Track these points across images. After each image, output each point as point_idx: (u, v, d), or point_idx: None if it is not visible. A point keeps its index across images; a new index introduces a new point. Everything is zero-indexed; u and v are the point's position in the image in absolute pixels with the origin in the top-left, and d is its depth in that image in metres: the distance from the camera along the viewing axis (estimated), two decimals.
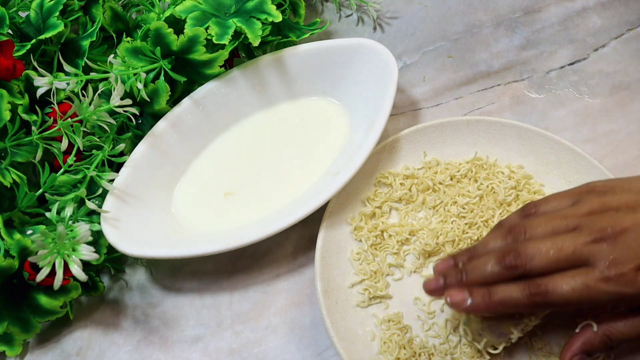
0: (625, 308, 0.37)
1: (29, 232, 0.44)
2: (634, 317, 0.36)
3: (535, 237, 0.37)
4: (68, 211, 0.43)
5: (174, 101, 0.50)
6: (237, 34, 0.48)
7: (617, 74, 0.54)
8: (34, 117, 0.45)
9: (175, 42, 0.47)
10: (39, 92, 0.45)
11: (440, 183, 0.48)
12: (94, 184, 0.45)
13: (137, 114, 0.47)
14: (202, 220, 0.48)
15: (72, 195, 0.44)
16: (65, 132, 0.44)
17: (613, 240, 0.34)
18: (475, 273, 0.37)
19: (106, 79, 0.47)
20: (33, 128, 0.45)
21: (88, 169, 0.45)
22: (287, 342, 0.44)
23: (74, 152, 0.45)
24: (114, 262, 0.48)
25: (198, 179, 0.50)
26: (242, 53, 0.55)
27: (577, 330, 0.38)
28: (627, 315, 0.36)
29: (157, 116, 0.50)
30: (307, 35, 0.54)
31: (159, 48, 0.47)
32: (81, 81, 0.46)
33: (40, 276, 0.38)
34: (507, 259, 0.36)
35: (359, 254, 0.45)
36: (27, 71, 0.47)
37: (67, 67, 0.45)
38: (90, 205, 0.44)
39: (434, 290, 0.39)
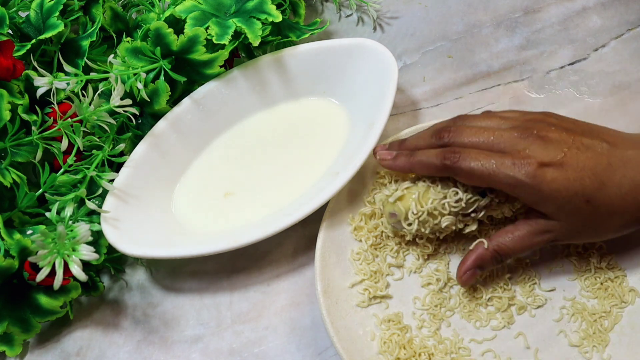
0: (519, 199, 0.39)
1: (29, 232, 0.44)
2: (519, 233, 0.40)
3: (473, 125, 0.41)
4: (68, 211, 0.43)
5: (174, 101, 0.50)
6: (237, 34, 0.48)
7: (617, 74, 0.54)
8: (34, 117, 0.45)
9: (175, 42, 0.47)
10: (39, 92, 0.45)
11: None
12: (94, 184, 0.45)
13: (137, 114, 0.47)
14: (202, 220, 0.48)
15: (72, 195, 0.44)
16: (65, 132, 0.44)
17: (533, 139, 0.38)
18: (410, 142, 0.44)
19: (106, 79, 0.47)
20: (33, 128, 0.45)
21: (88, 169, 0.45)
22: (287, 342, 0.44)
23: (74, 152, 0.45)
24: (114, 262, 0.48)
25: (198, 179, 0.50)
26: (242, 53, 0.55)
27: (470, 248, 0.41)
28: (513, 230, 0.40)
29: (157, 116, 0.50)
30: (307, 35, 0.54)
31: (159, 48, 0.47)
32: (81, 81, 0.46)
33: (40, 276, 0.38)
34: (440, 133, 0.41)
35: (359, 254, 0.45)
36: (27, 71, 0.47)
37: (67, 67, 0.45)
38: (90, 205, 0.44)
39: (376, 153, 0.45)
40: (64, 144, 0.44)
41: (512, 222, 0.40)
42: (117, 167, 0.48)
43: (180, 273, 0.49)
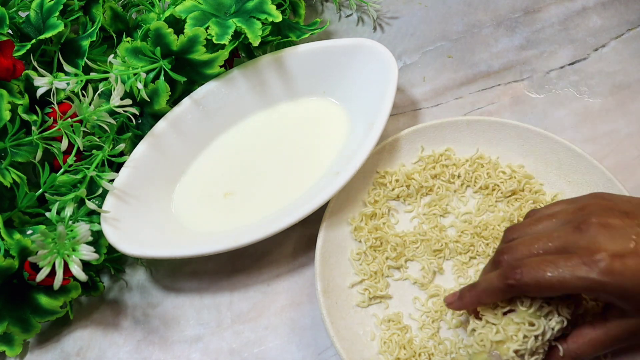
0: (598, 300, 0.37)
1: (29, 232, 0.44)
2: (597, 335, 0.36)
3: (525, 235, 0.37)
4: (68, 211, 0.43)
5: (174, 101, 0.50)
6: (237, 34, 0.48)
7: (617, 73, 0.54)
8: (34, 117, 0.45)
9: (175, 42, 0.47)
10: (39, 92, 0.45)
11: (436, 176, 0.48)
12: (94, 184, 0.45)
13: (137, 114, 0.47)
14: (202, 220, 0.48)
15: (72, 195, 0.44)
16: (65, 132, 0.44)
17: (596, 230, 0.34)
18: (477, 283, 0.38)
19: (106, 79, 0.47)
20: (33, 128, 0.45)
21: (88, 169, 0.45)
22: (287, 342, 0.44)
23: (74, 152, 0.45)
24: (114, 262, 0.48)
25: (198, 179, 0.50)
26: (242, 53, 0.55)
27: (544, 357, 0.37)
28: (591, 333, 0.36)
29: (157, 116, 0.50)
30: (307, 35, 0.54)
31: (159, 48, 0.47)
32: (81, 81, 0.46)
33: (40, 276, 0.38)
34: (496, 258, 0.37)
35: (359, 254, 0.45)
36: (27, 71, 0.47)
37: (67, 67, 0.45)
38: (90, 205, 0.44)
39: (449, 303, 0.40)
40: (64, 144, 0.44)
41: (590, 323, 0.36)
42: (117, 167, 0.48)
43: (180, 273, 0.49)
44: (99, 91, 0.47)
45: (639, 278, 0.32)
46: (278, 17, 0.48)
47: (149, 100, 0.48)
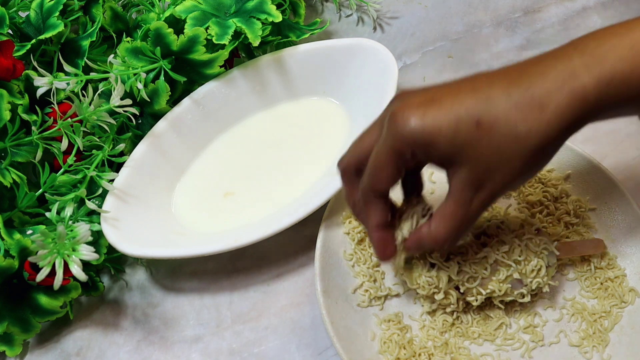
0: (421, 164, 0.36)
1: (29, 232, 0.44)
2: (447, 208, 0.33)
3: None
4: (68, 211, 0.43)
5: (174, 101, 0.50)
6: (237, 34, 0.48)
7: None
8: (34, 117, 0.45)
9: (175, 42, 0.47)
10: (39, 92, 0.45)
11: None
12: (94, 184, 0.45)
13: (137, 114, 0.47)
14: (202, 220, 0.48)
15: (72, 195, 0.44)
16: (65, 132, 0.44)
17: (397, 99, 0.33)
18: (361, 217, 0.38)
19: (106, 79, 0.47)
20: (33, 128, 0.45)
21: (88, 169, 0.45)
22: (287, 342, 0.44)
23: (74, 152, 0.45)
24: (114, 262, 0.48)
25: (198, 179, 0.50)
26: (242, 53, 0.55)
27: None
28: (443, 206, 0.34)
29: (157, 116, 0.50)
30: (307, 35, 0.54)
31: (159, 48, 0.47)
32: (81, 81, 0.46)
33: (40, 276, 0.38)
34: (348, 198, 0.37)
35: (351, 254, 0.45)
36: (27, 71, 0.47)
37: (67, 67, 0.45)
38: (90, 205, 0.44)
39: None
40: (64, 144, 0.44)
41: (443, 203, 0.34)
42: (117, 167, 0.48)
43: (180, 273, 0.49)
44: (99, 91, 0.47)
45: (431, 117, 0.30)
46: (278, 17, 0.48)
47: (149, 100, 0.48)
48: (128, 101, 0.46)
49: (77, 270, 0.38)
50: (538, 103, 0.29)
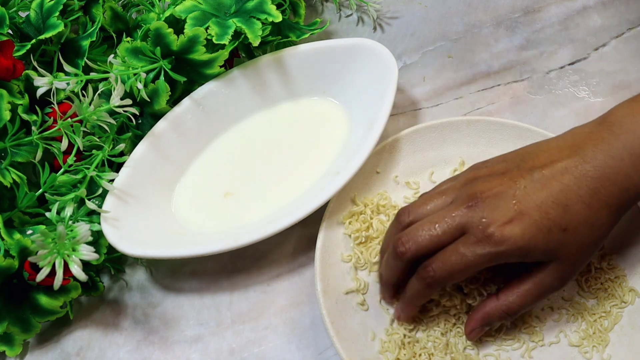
0: (508, 264, 0.38)
1: (29, 232, 0.44)
2: (525, 287, 0.38)
3: (418, 218, 0.39)
4: (68, 211, 0.43)
5: (174, 101, 0.50)
6: (237, 34, 0.48)
7: (617, 73, 0.54)
8: (34, 117, 0.45)
9: (175, 42, 0.47)
10: (39, 92, 0.45)
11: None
12: (94, 184, 0.45)
13: (137, 114, 0.47)
14: (202, 220, 0.48)
15: (72, 195, 0.44)
16: (65, 132, 0.44)
17: (482, 203, 0.37)
18: (385, 274, 0.41)
19: (106, 79, 0.47)
20: (33, 128, 0.45)
21: (88, 169, 0.45)
22: (287, 342, 0.44)
23: (74, 152, 0.45)
24: (114, 262, 0.48)
25: (198, 179, 0.50)
26: (242, 53, 0.55)
27: (476, 304, 0.41)
28: (519, 285, 0.38)
29: (157, 116, 0.50)
30: (307, 35, 0.54)
31: (159, 48, 0.47)
32: (81, 81, 0.46)
33: (40, 276, 0.38)
34: (396, 244, 0.39)
35: (349, 256, 0.45)
36: (27, 71, 0.47)
37: (67, 67, 0.45)
38: (90, 205, 0.44)
39: None
40: (64, 144, 0.44)
41: (518, 278, 0.39)
42: (117, 167, 0.48)
43: (180, 273, 0.49)
44: (99, 91, 0.47)
45: (528, 234, 0.35)
46: (278, 17, 0.48)
47: (149, 100, 0.48)
48: (128, 101, 0.46)
49: (77, 270, 0.38)
50: (605, 203, 0.36)
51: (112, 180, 0.46)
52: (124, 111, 0.46)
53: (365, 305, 0.43)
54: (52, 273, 0.38)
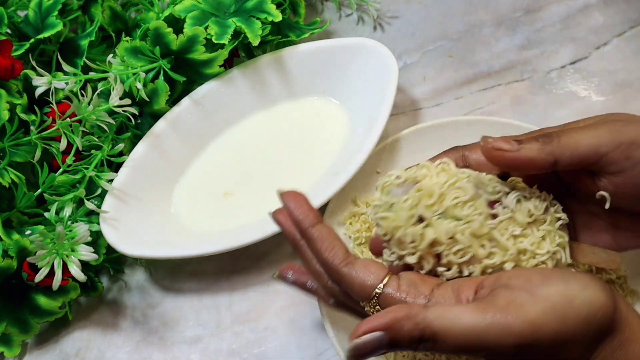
0: None
1: (28, 232, 0.44)
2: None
3: None
4: (67, 211, 0.43)
5: (173, 101, 0.50)
6: (237, 33, 0.48)
7: (619, 72, 0.54)
8: (33, 117, 0.45)
9: (175, 41, 0.47)
10: (38, 91, 0.45)
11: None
12: (93, 184, 0.45)
13: (137, 113, 0.47)
14: (201, 221, 0.48)
15: (71, 196, 0.44)
16: (64, 132, 0.44)
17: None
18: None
19: (105, 78, 0.47)
20: (32, 128, 0.45)
21: (87, 169, 0.45)
22: (287, 342, 0.44)
23: (72, 152, 0.45)
24: (113, 262, 0.48)
25: (198, 179, 0.50)
26: (242, 53, 0.54)
27: None
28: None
29: (157, 116, 0.49)
30: (307, 35, 0.53)
31: (158, 47, 0.47)
32: (80, 81, 0.46)
33: (39, 276, 0.38)
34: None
35: None
36: (25, 71, 0.47)
37: (66, 67, 0.45)
38: (89, 205, 0.44)
39: None
40: (63, 143, 0.44)
41: None
42: (116, 167, 0.48)
43: (180, 273, 0.48)
44: (98, 91, 0.47)
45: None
46: (278, 17, 0.48)
47: (148, 100, 0.48)
48: (127, 101, 0.46)
49: (76, 271, 0.38)
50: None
51: (111, 180, 0.46)
52: (123, 111, 0.46)
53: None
54: (51, 273, 0.38)
